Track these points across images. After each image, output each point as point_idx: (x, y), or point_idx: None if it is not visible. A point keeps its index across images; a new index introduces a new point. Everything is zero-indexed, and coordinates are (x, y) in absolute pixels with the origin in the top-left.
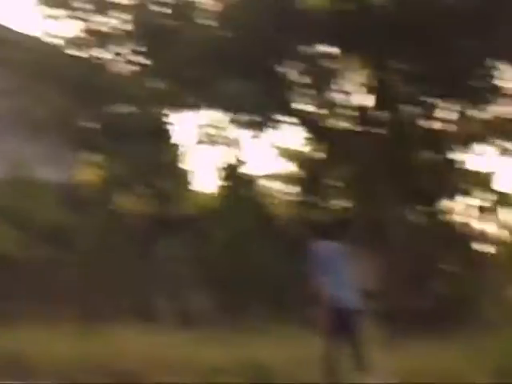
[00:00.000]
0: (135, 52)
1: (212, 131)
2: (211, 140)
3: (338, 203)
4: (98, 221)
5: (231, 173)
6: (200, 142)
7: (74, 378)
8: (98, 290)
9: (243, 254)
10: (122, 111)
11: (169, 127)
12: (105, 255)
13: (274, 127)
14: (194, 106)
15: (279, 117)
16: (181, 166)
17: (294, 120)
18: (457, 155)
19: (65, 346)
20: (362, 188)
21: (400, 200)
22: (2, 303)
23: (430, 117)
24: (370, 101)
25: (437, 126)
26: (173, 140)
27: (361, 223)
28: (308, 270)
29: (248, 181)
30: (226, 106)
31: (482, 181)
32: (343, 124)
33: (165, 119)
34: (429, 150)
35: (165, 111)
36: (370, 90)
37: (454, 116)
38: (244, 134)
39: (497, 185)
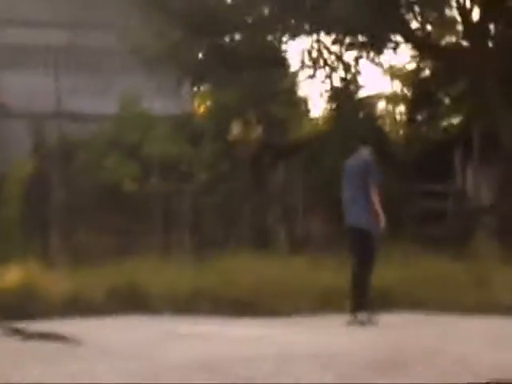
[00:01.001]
0: None
1: (323, 55)
2: (322, 64)
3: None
4: (211, 151)
5: (341, 95)
6: (311, 66)
7: (189, 306)
8: (213, 219)
9: None
10: (235, 39)
11: (284, 54)
12: (219, 184)
13: (384, 47)
14: (307, 31)
15: (389, 36)
16: (296, 92)
17: (404, 39)
18: None
19: (180, 274)
20: (473, 102)
21: None
22: (119, 236)
23: None
24: (477, 14)
25: None
26: (288, 67)
27: (475, 138)
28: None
29: (358, 102)
30: (337, 29)
31: None
32: (452, 39)
33: (279, 46)
34: None
35: (279, 38)
36: (478, 3)
37: None
38: (354, 56)
39: None
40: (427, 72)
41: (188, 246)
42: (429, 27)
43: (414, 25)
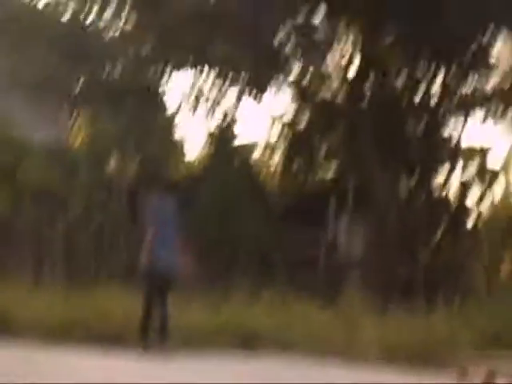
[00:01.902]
0: (128, 15)
1: (202, 94)
2: (200, 103)
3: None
4: (87, 182)
5: (218, 139)
6: (190, 106)
7: (58, 336)
8: (86, 251)
9: (228, 220)
10: (114, 74)
11: (162, 92)
12: (93, 215)
13: (267, 85)
14: (186, 67)
15: (272, 74)
16: (172, 131)
17: (283, 89)
18: (450, 129)
19: (50, 303)
20: (348, 156)
21: (389, 170)
22: None
23: (419, 86)
24: (353, 71)
25: (427, 96)
26: (166, 105)
27: (350, 191)
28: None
29: (234, 148)
30: (217, 69)
31: (475, 156)
32: (329, 94)
33: (159, 83)
34: (419, 121)
35: (158, 74)
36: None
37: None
38: (236, 93)
39: (490, 161)
40: (304, 122)
41: (60, 275)
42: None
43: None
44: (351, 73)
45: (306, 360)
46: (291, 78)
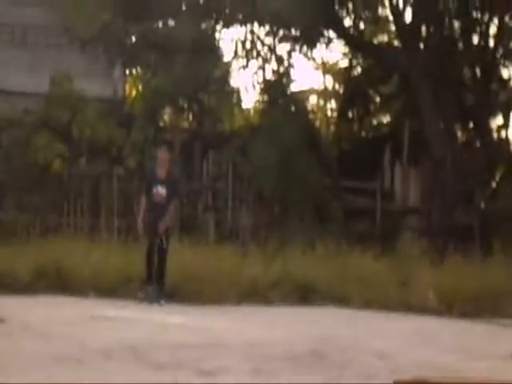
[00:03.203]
0: None
1: (256, 46)
2: (255, 55)
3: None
4: (142, 135)
5: (273, 88)
6: (244, 57)
7: (114, 290)
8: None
9: (286, 169)
10: (169, 25)
11: (217, 43)
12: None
13: (316, 42)
14: (242, 21)
15: (322, 31)
16: (228, 82)
17: (337, 34)
18: (505, 72)
19: (107, 257)
20: (404, 102)
21: (445, 116)
22: (45, 215)
23: (474, 32)
24: (410, 15)
25: (482, 41)
26: (221, 56)
27: (405, 139)
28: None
29: (290, 94)
30: (270, 20)
31: None
32: (385, 38)
33: (213, 35)
34: (475, 65)
35: (212, 26)
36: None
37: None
38: (287, 49)
39: None
40: (359, 70)
41: (115, 229)
42: (362, 25)
43: (348, 22)
44: (407, 16)
45: (361, 312)
46: (346, 24)
